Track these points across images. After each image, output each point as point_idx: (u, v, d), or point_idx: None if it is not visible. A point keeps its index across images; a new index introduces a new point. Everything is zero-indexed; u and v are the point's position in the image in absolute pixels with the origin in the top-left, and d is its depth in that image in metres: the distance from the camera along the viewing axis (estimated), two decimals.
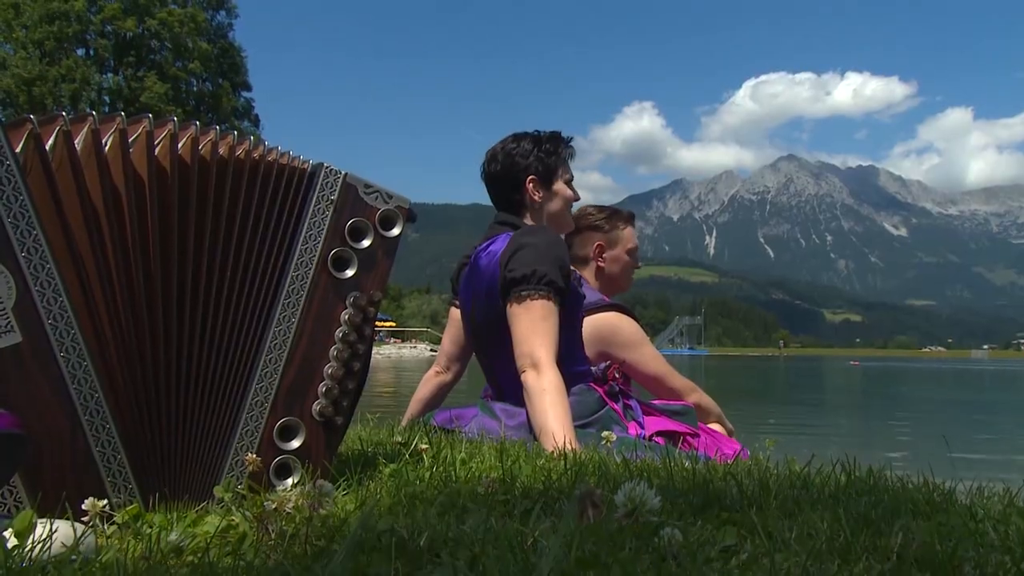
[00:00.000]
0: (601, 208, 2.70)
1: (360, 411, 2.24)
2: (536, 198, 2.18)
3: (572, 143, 2.28)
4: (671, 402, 2.26)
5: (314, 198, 1.19)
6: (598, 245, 2.65)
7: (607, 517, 0.58)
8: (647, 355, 2.43)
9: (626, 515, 0.56)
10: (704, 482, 0.94)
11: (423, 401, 2.49)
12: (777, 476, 1.03)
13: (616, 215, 2.69)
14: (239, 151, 1.13)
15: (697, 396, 2.49)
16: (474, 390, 2.43)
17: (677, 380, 2.49)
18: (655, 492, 0.63)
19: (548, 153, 2.21)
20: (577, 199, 2.34)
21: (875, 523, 0.80)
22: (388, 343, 59.18)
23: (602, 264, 2.66)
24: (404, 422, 2.28)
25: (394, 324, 72.19)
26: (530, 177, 2.17)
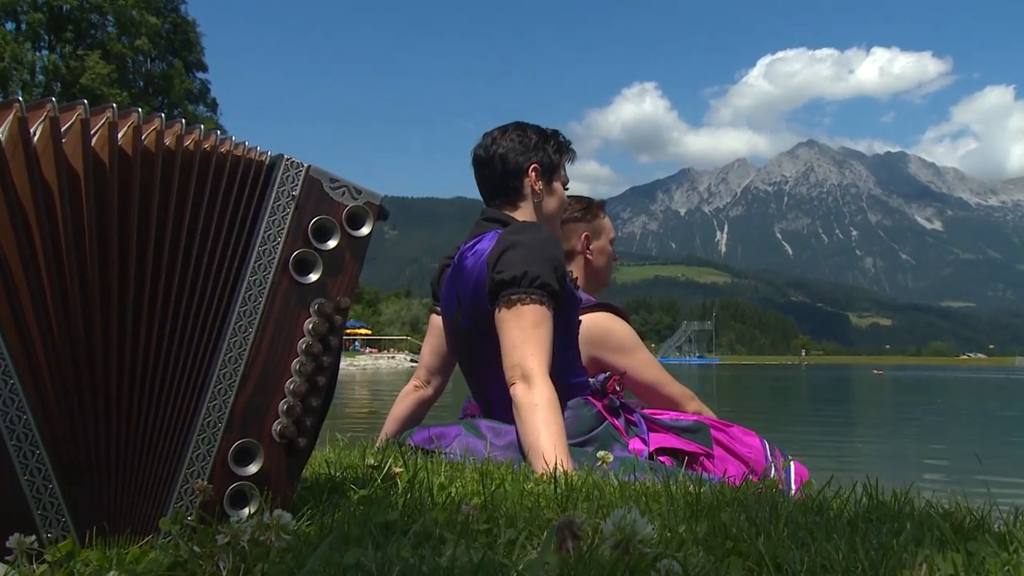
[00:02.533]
0: (573, 199, 2.75)
1: (328, 431, 2.25)
2: (536, 188, 2.20)
3: (573, 146, 2.33)
4: (681, 417, 2.27)
5: (273, 194, 1.19)
6: (585, 236, 2.69)
7: (595, 548, 0.58)
8: (642, 361, 2.46)
9: (615, 546, 0.56)
10: (709, 507, 0.95)
11: (400, 419, 2.50)
12: (789, 501, 1.04)
13: (592, 204, 2.77)
14: (188, 141, 1.12)
15: (696, 405, 2.52)
16: (459, 406, 2.44)
17: (674, 387, 2.51)
18: (648, 520, 0.63)
19: (554, 149, 2.25)
20: (568, 205, 2.39)
21: (897, 553, 0.80)
22: (363, 353, 59.00)
23: (590, 257, 2.70)
24: (379, 443, 2.29)
25: (369, 332, 72.00)
26: (533, 165, 2.20)
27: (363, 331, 68.82)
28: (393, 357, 55.67)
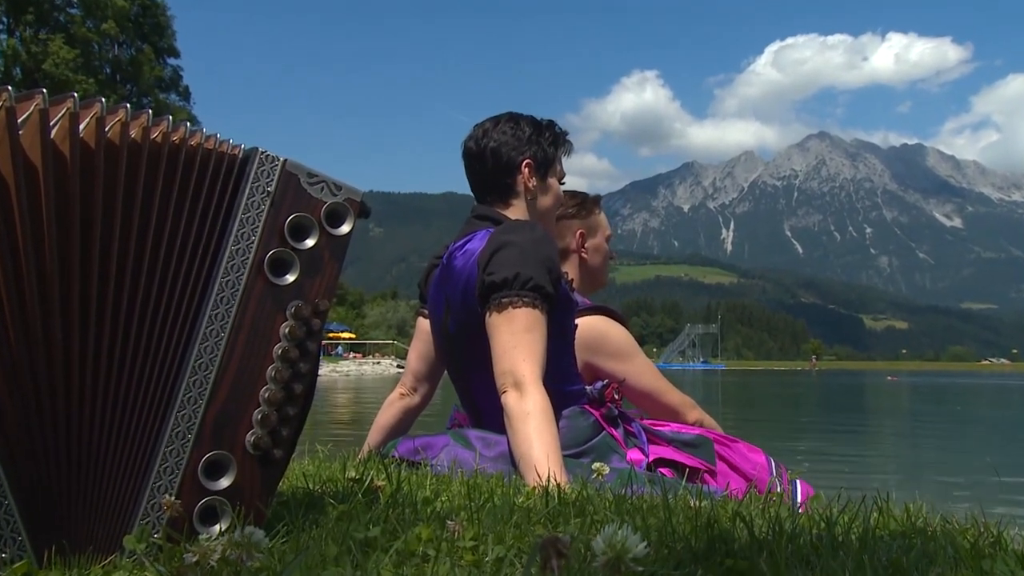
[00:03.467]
0: (567, 194, 2.76)
1: (307, 442, 2.25)
2: (530, 185, 2.21)
3: (569, 137, 2.33)
4: (683, 430, 2.28)
5: (247, 190, 1.19)
6: (580, 233, 2.70)
7: (586, 567, 0.58)
8: (640, 367, 2.47)
9: (606, 564, 0.56)
10: (709, 523, 0.95)
11: (385, 429, 2.50)
12: (794, 516, 1.04)
13: (587, 200, 2.77)
14: (155, 133, 1.12)
15: (697, 414, 2.53)
16: (448, 414, 2.44)
17: (674, 395, 2.53)
18: (643, 536, 0.64)
19: (549, 142, 2.25)
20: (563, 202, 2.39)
21: (907, 572, 0.81)
22: (346, 358, 58.96)
23: (585, 256, 2.71)
24: (362, 454, 2.29)
25: (354, 336, 71.97)
26: (527, 160, 2.20)
27: (346, 335, 68.78)
28: (378, 362, 55.63)
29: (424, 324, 2.40)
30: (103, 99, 1.09)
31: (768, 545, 0.87)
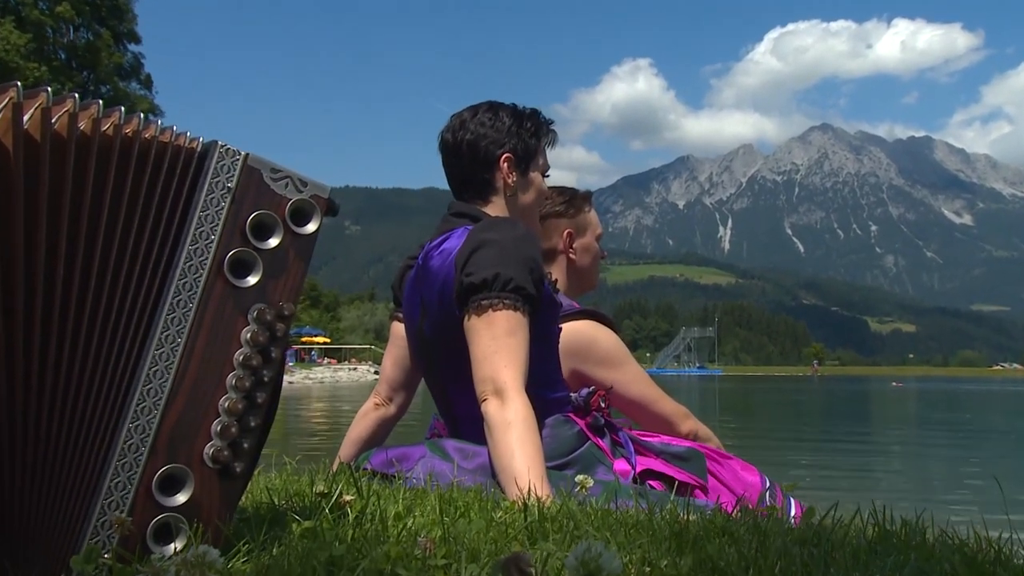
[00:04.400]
0: (556, 190, 2.75)
1: (275, 455, 2.24)
2: (510, 181, 2.21)
3: (553, 126, 2.33)
4: (673, 441, 2.28)
5: (206, 185, 1.19)
6: (568, 233, 2.70)
7: None
8: (630, 375, 2.47)
9: None
10: (695, 539, 0.96)
11: (359, 441, 2.49)
12: (784, 531, 1.05)
13: (577, 196, 2.77)
14: (106, 125, 1.12)
15: (691, 424, 2.54)
16: (428, 424, 2.44)
17: (667, 404, 2.53)
18: (625, 552, 0.64)
19: (530, 133, 2.25)
20: (548, 195, 2.39)
21: None
22: (320, 364, 58.83)
23: (573, 256, 2.71)
24: (334, 467, 2.28)
25: (328, 340, 71.79)
26: (506, 155, 2.20)
27: (320, 339, 68.60)
28: (355, 368, 55.52)
29: (399, 329, 2.40)
30: (49, 88, 1.09)
31: (757, 562, 0.87)
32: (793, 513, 2.14)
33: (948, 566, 0.89)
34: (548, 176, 2.37)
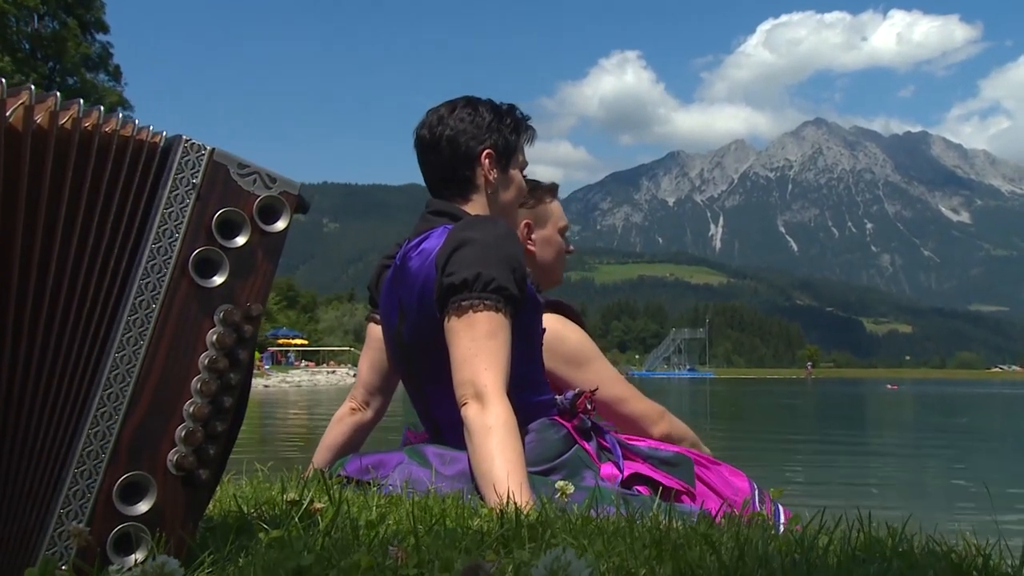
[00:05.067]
0: None
1: (247, 461, 2.23)
2: (491, 178, 2.21)
3: (531, 122, 2.34)
4: (661, 447, 2.28)
5: (170, 181, 1.18)
6: (526, 224, 2.69)
7: None
8: (600, 373, 2.47)
9: None
10: (675, 546, 0.96)
11: (334, 448, 2.49)
12: (766, 538, 1.06)
13: (539, 187, 2.76)
14: (64, 119, 1.11)
15: (664, 426, 2.53)
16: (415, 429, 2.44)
17: (638, 404, 2.52)
18: (600, 561, 0.64)
19: (510, 129, 2.25)
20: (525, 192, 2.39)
21: None
22: (298, 367, 58.68)
23: (533, 248, 2.71)
24: (308, 474, 2.28)
25: (306, 342, 71.63)
26: (487, 151, 2.20)
27: (298, 341, 68.42)
28: (333, 371, 55.38)
29: (375, 331, 2.40)
30: (3, 80, 1.08)
31: (737, 571, 0.88)
32: (781, 520, 2.15)
33: (932, 573, 0.90)
34: (526, 174, 2.37)
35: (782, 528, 2.04)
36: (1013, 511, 7.24)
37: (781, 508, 2.23)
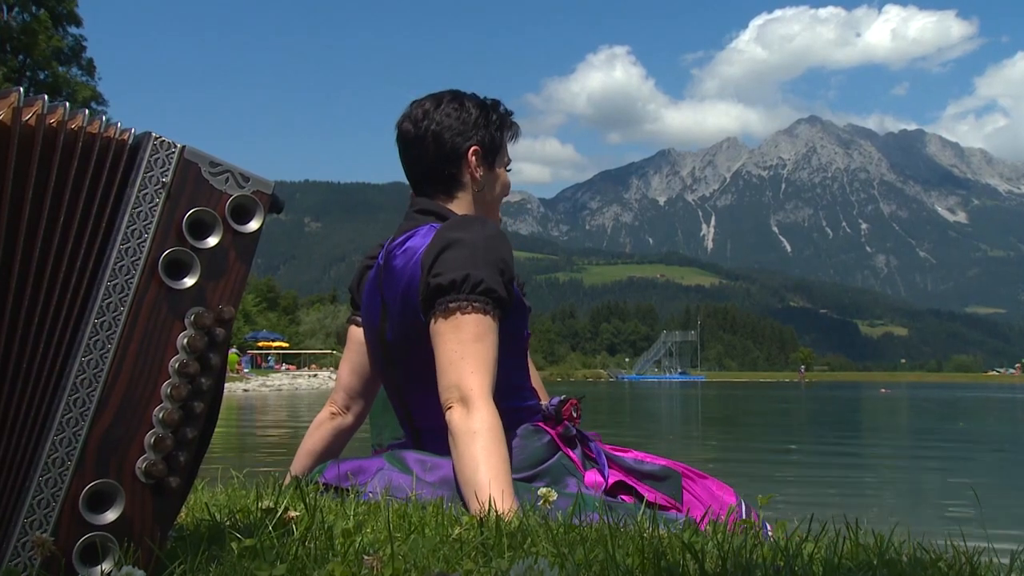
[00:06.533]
0: None
1: (222, 468, 2.22)
2: (477, 175, 2.21)
3: (516, 118, 2.34)
4: (647, 459, 2.28)
5: (139, 180, 1.18)
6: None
7: None
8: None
9: None
10: (657, 555, 0.97)
11: (314, 454, 2.48)
12: (748, 547, 1.06)
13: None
14: (28, 115, 1.11)
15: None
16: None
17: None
18: (578, 570, 0.64)
19: (496, 126, 2.25)
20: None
21: None
22: (278, 370, 58.48)
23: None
24: (286, 482, 2.27)
25: (287, 345, 71.38)
26: (474, 147, 2.20)
27: (278, 344, 68.20)
28: (315, 375, 55.17)
29: (356, 333, 2.39)
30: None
31: None
32: (768, 529, 2.15)
33: None
34: (510, 171, 2.38)
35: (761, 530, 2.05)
36: (1004, 519, 7.28)
37: (768, 526, 2.23)
